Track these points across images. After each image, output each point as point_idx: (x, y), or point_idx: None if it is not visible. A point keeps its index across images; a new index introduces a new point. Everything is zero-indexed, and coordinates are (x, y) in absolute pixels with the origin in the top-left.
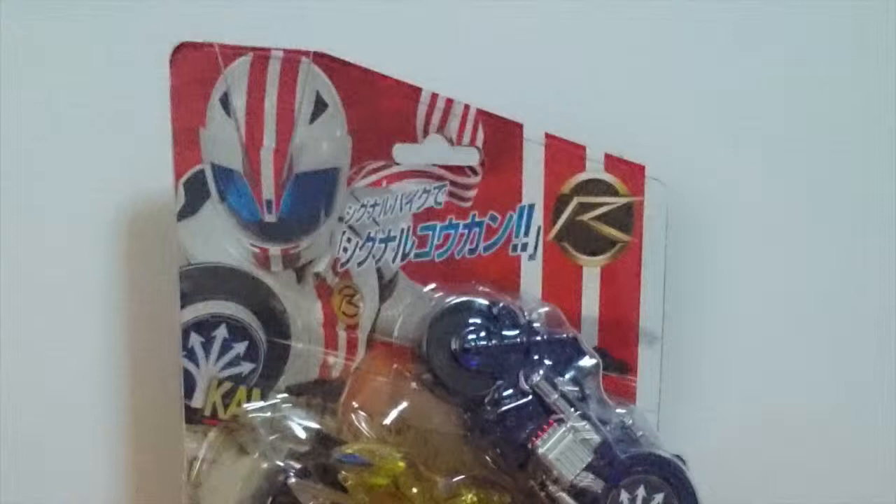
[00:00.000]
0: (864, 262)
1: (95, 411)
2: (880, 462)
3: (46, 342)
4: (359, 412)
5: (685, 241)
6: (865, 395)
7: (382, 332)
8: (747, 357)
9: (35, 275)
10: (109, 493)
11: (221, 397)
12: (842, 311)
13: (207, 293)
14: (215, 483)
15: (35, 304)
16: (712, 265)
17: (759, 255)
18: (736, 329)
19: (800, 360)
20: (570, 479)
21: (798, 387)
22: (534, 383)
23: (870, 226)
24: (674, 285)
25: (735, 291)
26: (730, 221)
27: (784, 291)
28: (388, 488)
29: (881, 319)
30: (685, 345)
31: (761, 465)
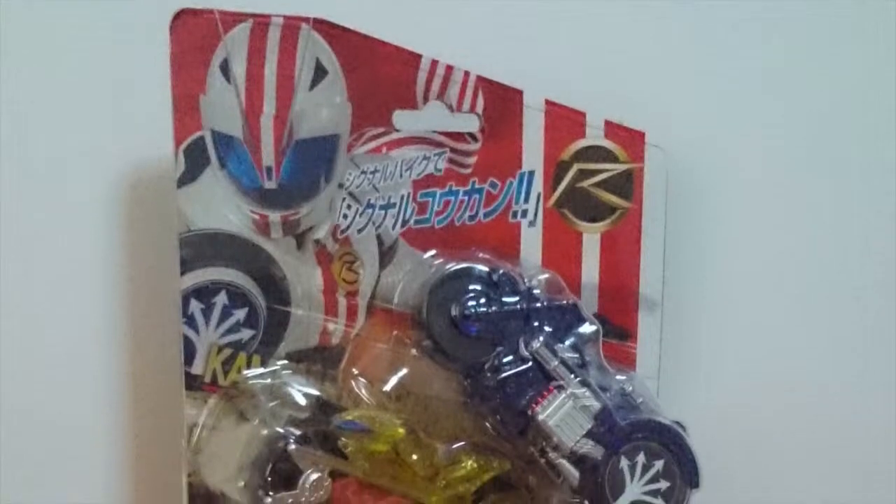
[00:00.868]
0: (864, 228)
1: (95, 378)
2: (880, 428)
3: (46, 310)
4: (359, 379)
5: (685, 207)
6: (865, 362)
7: (382, 299)
8: (747, 324)
9: (35, 242)
10: (109, 460)
11: (221, 364)
12: (842, 276)
13: (207, 260)
14: (215, 449)
15: (35, 273)
16: (712, 232)
17: (759, 221)
18: (736, 296)
19: (799, 327)
20: (570, 446)
21: (798, 353)
22: (534, 350)
23: (871, 192)
24: (674, 252)
25: (735, 258)
26: (730, 188)
27: (784, 258)
28: (388, 455)
29: (881, 284)
30: (685, 311)
31: (761, 431)
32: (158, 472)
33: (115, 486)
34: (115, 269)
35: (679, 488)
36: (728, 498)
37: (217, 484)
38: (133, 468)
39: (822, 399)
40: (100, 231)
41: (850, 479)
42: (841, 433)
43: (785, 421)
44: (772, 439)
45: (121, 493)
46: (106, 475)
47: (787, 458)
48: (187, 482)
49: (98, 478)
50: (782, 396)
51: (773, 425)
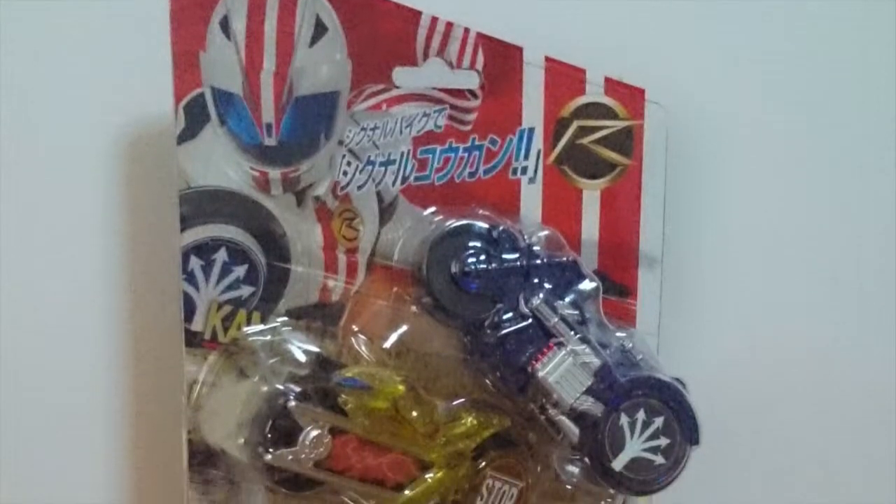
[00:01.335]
0: (865, 184)
1: (95, 335)
2: (879, 383)
3: (46, 267)
4: (359, 336)
5: (685, 164)
6: (864, 317)
7: (382, 256)
8: (747, 280)
9: (35, 200)
10: (109, 417)
11: (221, 321)
12: (842, 232)
13: (207, 217)
14: (215, 406)
15: (35, 230)
16: (712, 188)
17: (759, 177)
18: (736, 252)
19: (800, 283)
20: (570, 403)
21: (798, 310)
22: (534, 307)
23: (873, 148)
24: (673, 209)
25: (735, 215)
26: (729, 144)
27: (784, 214)
28: (388, 411)
29: (881, 239)
30: (685, 268)
31: (761, 387)
32: (158, 428)
33: (114, 443)
34: (115, 225)
35: (679, 445)
36: (728, 455)
37: (217, 441)
38: (133, 425)
39: (821, 355)
40: (99, 188)
41: (849, 435)
42: (841, 389)
43: (785, 377)
44: (772, 395)
45: (121, 450)
46: (105, 433)
47: (787, 414)
48: (187, 439)
49: (98, 435)
50: (782, 352)
51: (773, 381)
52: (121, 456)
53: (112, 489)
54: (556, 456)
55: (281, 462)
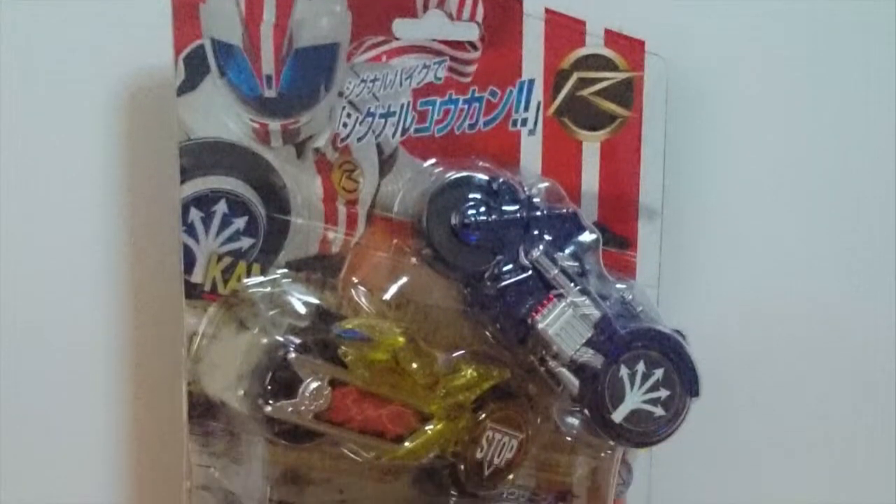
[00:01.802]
0: (866, 136)
1: (95, 287)
2: (880, 333)
3: (45, 218)
4: (358, 287)
5: (685, 116)
6: (865, 270)
7: (382, 208)
8: (747, 232)
9: (34, 152)
10: (109, 369)
11: (221, 272)
12: (843, 184)
13: (207, 168)
14: (215, 358)
15: (35, 182)
16: (712, 140)
17: (760, 130)
18: (736, 204)
19: (799, 235)
20: (570, 355)
21: (797, 261)
22: (534, 258)
23: (873, 100)
24: (673, 160)
25: (735, 166)
26: (730, 96)
27: (784, 166)
28: (388, 363)
29: (882, 192)
30: (685, 220)
31: (761, 339)
32: (158, 380)
33: (114, 395)
34: (115, 177)
35: (679, 397)
36: (728, 406)
37: (217, 392)
38: (133, 377)
39: (821, 306)
40: (99, 140)
41: (849, 386)
42: (840, 340)
43: (785, 328)
44: (771, 347)
45: (120, 402)
46: (105, 384)
47: (786, 365)
48: (187, 391)
49: (98, 387)
50: (782, 304)
51: (773, 333)
52: (121, 408)
53: (112, 441)
54: (556, 408)
55: (281, 414)
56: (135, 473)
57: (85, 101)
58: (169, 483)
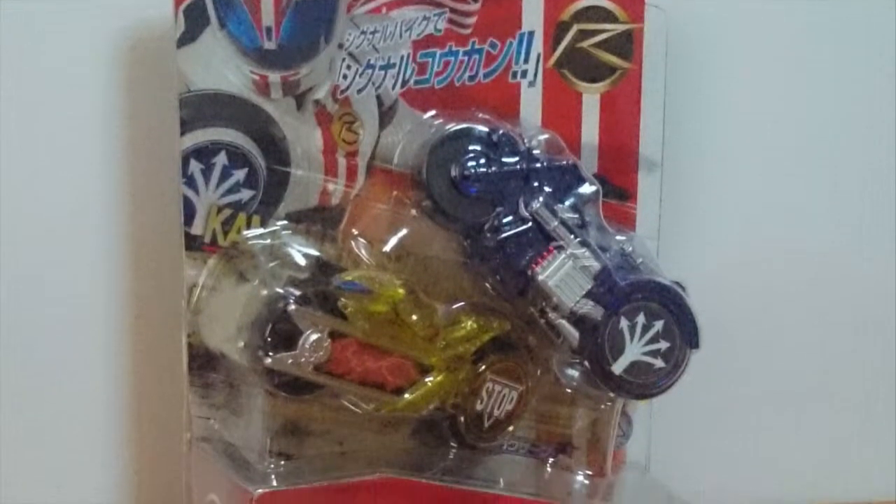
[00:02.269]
0: (865, 86)
1: (95, 239)
2: (879, 285)
3: (46, 170)
4: (358, 239)
5: (685, 67)
6: (864, 220)
7: (382, 159)
8: (747, 183)
9: (34, 104)
10: (109, 320)
11: (221, 224)
12: (842, 135)
13: (207, 120)
14: (215, 310)
15: (35, 135)
16: (712, 92)
17: (760, 81)
18: (736, 156)
19: (799, 186)
20: (570, 306)
21: (797, 213)
22: (533, 210)
23: (873, 50)
24: (673, 112)
25: (735, 118)
26: (729, 48)
27: (784, 117)
28: (388, 315)
29: (881, 142)
30: (685, 171)
31: (761, 290)
32: (158, 332)
33: (114, 346)
34: (115, 129)
35: (679, 349)
36: (728, 358)
37: (217, 344)
38: (133, 329)
39: (821, 258)
40: (99, 92)
41: (849, 337)
42: (840, 291)
43: (784, 280)
44: (771, 298)
45: (120, 354)
46: (105, 336)
47: (786, 316)
48: (187, 342)
49: (98, 338)
50: (782, 255)
51: (773, 284)
52: (121, 360)
53: (112, 393)
54: (556, 359)
55: (280, 366)
56: (135, 425)
57: (85, 53)
58: (169, 435)
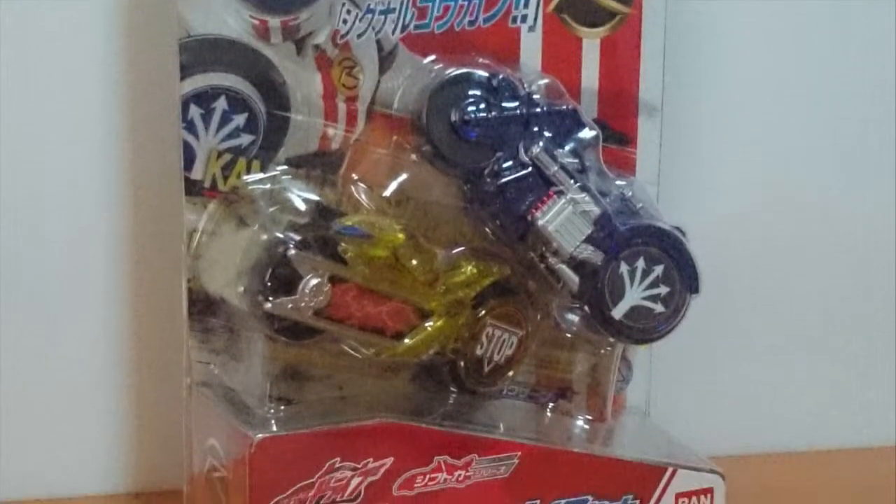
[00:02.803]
0: (866, 31)
1: (94, 183)
2: (879, 228)
3: (44, 115)
4: (358, 184)
5: (685, 12)
6: (865, 165)
7: (382, 104)
8: (748, 128)
9: (32, 49)
10: (108, 265)
11: (221, 169)
12: (843, 80)
13: (207, 65)
14: (215, 255)
15: (33, 79)
16: (712, 36)
17: (760, 25)
18: (737, 100)
19: (800, 131)
20: (570, 251)
21: (798, 158)
22: (533, 155)
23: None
24: (673, 56)
25: (736, 62)
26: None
27: (785, 62)
28: (388, 260)
29: (883, 84)
30: (685, 116)
31: (761, 234)
32: (158, 277)
33: (114, 292)
34: (115, 74)
35: (679, 294)
36: (728, 303)
37: (217, 289)
38: (133, 274)
39: (822, 202)
40: (99, 36)
41: (849, 282)
42: (841, 236)
43: (785, 224)
44: (772, 242)
45: (120, 299)
46: (105, 280)
47: (787, 261)
48: (187, 287)
49: (98, 283)
50: (782, 200)
51: (773, 228)
52: (121, 305)
53: (111, 338)
54: (556, 304)
55: (280, 310)
56: (135, 370)
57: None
58: (169, 380)
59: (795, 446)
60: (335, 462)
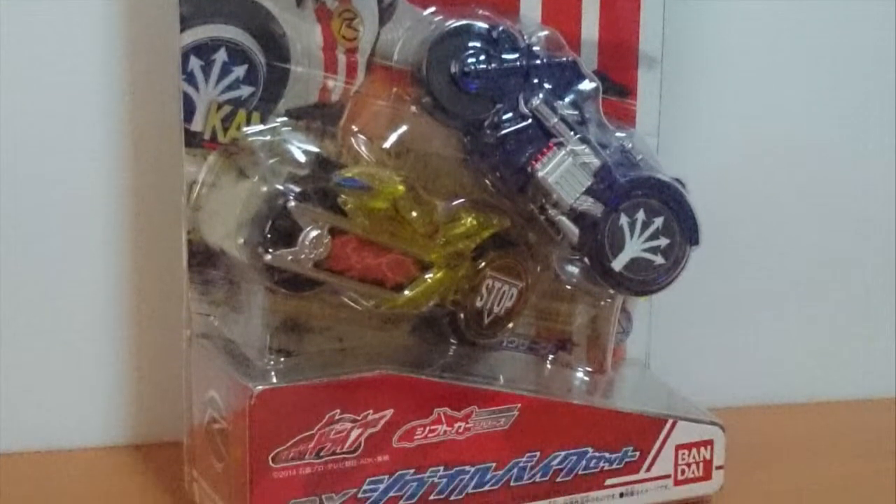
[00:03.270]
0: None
1: (94, 135)
2: (878, 182)
3: (44, 67)
4: (358, 136)
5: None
6: (864, 118)
7: (382, 56)
8: (747, 80)
9: (33, 2)
10: (109, 217)
11: (221, 121)
12: (844, 33)
13: (207, 17)
14: (215, 206)
15: (33, 31)
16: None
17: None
18: (737, 51)
19: (800, 82)
20: (570, 203)
21: (798, 108)
22: (533, 107)
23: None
24: (673, 8)
25: (735, 14)
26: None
27: (785, 12)
28: (388, 212)
29: (883, 30)
30: (685, 67)
31: (761, 186)
32: (158, 229)
33: (114, 243)
34: (115, 26)
35: (679, 245)
36: (728, 254)
37: (216, 241)
38: (133, 226)
39: (821, 153)
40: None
41: (849, 234)
42: (840, 188)
43: (784, 175)
44: (771, 194)
45: (120, 251)
46: (105, 233)
47: (787, 212)
48: (187, 239)
49: (98, 235)
50: (781, 150)
51: (773, 180)
52: (121, 257)
53: (112, 290)
54: (556, 256)
55: (280, 262)
56: (135, 322)
57: None
58: (169, 331)
59: (796, 398)
60: (335, 414)
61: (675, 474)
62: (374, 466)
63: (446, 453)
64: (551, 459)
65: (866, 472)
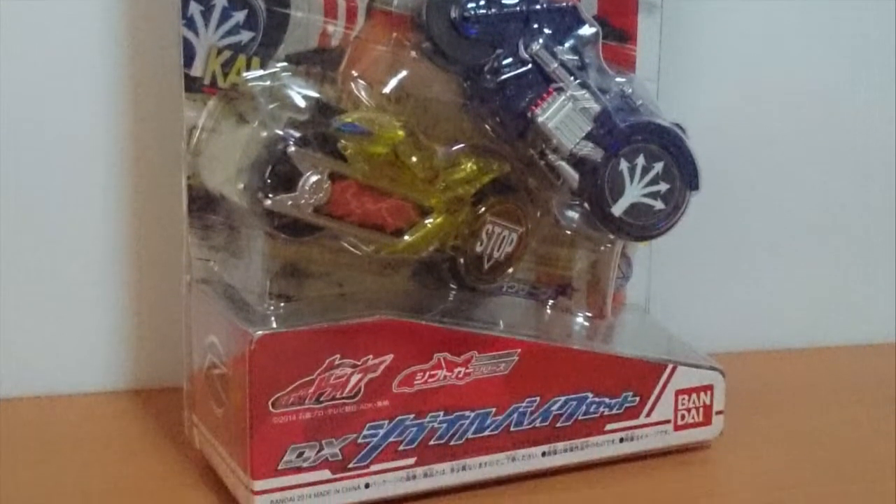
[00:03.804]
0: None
1: (96, 82)
2: (877, 128)
3: (44, 13)
4: (358, 81)
5: None
6: (864, 64)
7: (382, 1)
8: (747, 25)
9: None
10: (109, 162)
11: (221, 66)
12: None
13: None
14: (215, 151)
15: None
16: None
17: None
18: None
19: (799, 26)
20: (570, 148)
21: (797, 52)
22: (533, 52)
23: None
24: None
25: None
26: None
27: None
28: (388, 157)
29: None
30: (685, 13)
31: (761, 131)
32: (158, 174)
33: (114, 188)
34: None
35: (679, 190)
36: (728, 200)
37: (216, 186)
38: (133, 171)
39: (821, 96)
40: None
41: (850, 178)
42: (838, 134)
43: (784, 120)
44: (771, 139)
45: (120, 197)
46: (105, 178)
47: (786, 157)
48: (187, 184)
49: (98, 180)
50: (781, 95)
51: (773, 125)
52: (121, 202)
53: (112, 235)
54: (556, 201)
55: (280, 207)
56: (135, 267)
57: None
58: (168, 277)
59: (795, 343)
60: (335, 359)
61: (675, 419)
62: (374, 412)
63: (446, 398)
64: (551, 404)
65: (866, 418)
